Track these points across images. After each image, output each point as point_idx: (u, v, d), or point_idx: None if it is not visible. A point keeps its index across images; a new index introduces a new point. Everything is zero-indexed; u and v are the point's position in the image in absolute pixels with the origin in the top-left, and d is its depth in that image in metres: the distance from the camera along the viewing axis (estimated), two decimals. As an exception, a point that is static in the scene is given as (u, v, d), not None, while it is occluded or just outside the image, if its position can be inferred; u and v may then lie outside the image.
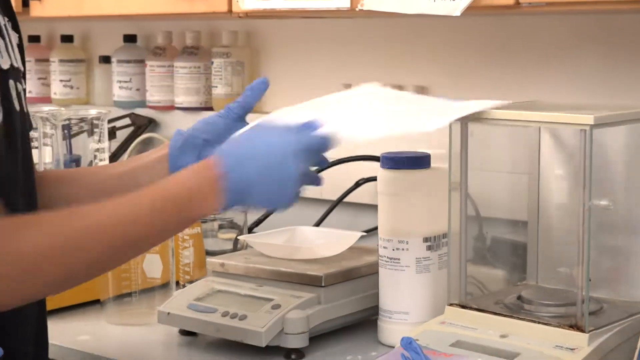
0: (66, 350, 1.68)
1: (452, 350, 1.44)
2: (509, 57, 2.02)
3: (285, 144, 1.29)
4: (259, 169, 1.26)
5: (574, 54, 1.94)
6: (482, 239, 1.73)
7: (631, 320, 1.49)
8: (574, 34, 1.94)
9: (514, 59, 2.01)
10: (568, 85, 1.95)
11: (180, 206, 1.24)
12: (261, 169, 1.26)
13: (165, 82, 2.46)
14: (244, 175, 1.26)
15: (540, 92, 1.95)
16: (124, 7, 2.06)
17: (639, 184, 1.59)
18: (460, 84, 2.08)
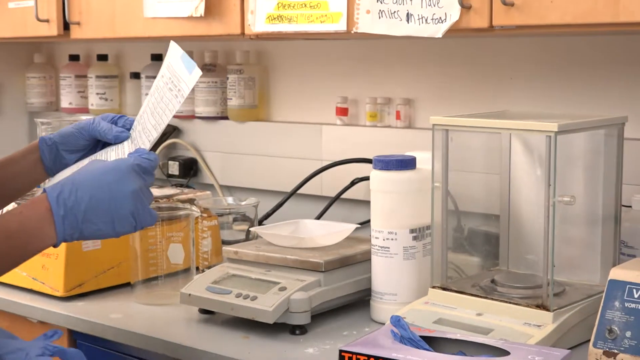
0: (101, 326, 1.68)
1: (435, 326, 1.44)
2: (483, 72, 2.02)
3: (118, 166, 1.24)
4: (92, 192, 1.20)
5: (539, 70, 1.94)
6: (460, 230, 1.72)
7: (590, 300, 1.49)
8: (539, 53, 1.94)
9: (487, 74, 2.01)
10: (534, 97, 1.95)
11: (12, 240, 1.17)
12: (95, 192, 1.20)
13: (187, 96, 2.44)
14: (78, 201, 1.19)
15: (510, 103, 1.95)
16: (151, 29, 2.06)
17: (596, 182, 1.59)
18: (442, 96, 2.08)
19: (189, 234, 1.84)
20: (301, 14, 1.79)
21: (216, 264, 1.78)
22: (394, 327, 1.34)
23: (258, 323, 1.57)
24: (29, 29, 2.32)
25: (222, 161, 2.43)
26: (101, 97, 2.66)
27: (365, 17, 1.71)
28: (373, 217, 1.63)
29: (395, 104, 2.14)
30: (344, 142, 2.17)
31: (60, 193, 1.20)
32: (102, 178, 1.22)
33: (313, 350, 1.50)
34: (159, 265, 1.81)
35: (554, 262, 1.46)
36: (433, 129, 1.56)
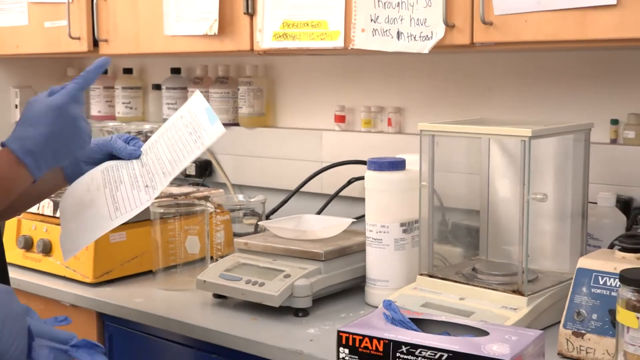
0: (126, 309, 1.68)
1: (422, 309, 1.44)
2: (465, 84, 2.02)
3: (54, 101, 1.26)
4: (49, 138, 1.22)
5: (515, 82, 1.94)
6: (445, 224, 1.72)
7: (560, 286, 1.49)
8: (515, 67, 1.94)
9: (469, 85, 2.01)
10: (511, 105, 1.94)
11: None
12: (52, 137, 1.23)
13: (202, 104, 2.46)
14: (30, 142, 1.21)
15: (489, 111, 1.95)
16: (171, 46, 2.06)
17: (565, 181, 1.59)
18: (428, 105, 2.08)
19: (204, 227, 1.84)
20: (304, 32, 1.80)
21: (228, 254, 1.78)
22: (386, 310, 1.34)
23: (265, 306, 1.57)
24: (63, 46, 2.32)
25: (234, 163, 2.43)
26: (126, 106, 2.65)
27: (361, 35, 1.71)
28: (367, 213, 1.63)
29: (387, 112, 2.14)
30: (342, 146, 2.17)
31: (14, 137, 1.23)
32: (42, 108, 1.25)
33: (314, 331, 1.49)
34: (177, 255, 1.81)
35: (528, 253, 1.46)
36: (420, 134, 1.56)
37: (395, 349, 1.24)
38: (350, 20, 1.72)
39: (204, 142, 1.40)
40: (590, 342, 1.32)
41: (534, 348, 1.25)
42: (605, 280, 1.32)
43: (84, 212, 1.41)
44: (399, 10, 1.65)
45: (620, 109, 1.79)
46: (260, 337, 1.47)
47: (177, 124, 1.49)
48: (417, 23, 1.63)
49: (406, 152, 1.69)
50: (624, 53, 1.78)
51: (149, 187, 1.39)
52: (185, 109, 1.50)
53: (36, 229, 1.92)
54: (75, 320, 1.81)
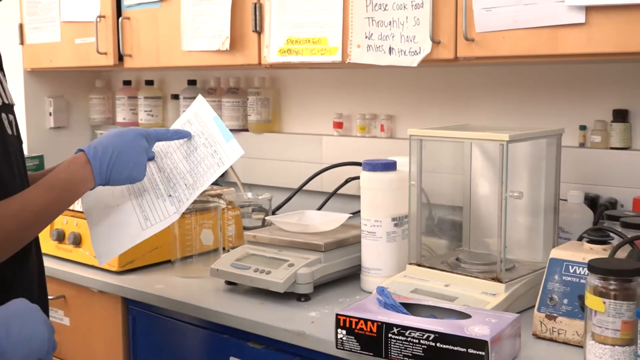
0: (147, 294, 1.68)
1: (412, 295, 1.44)
2: (450, 94, 2.01)
3: (130, 132, 1.31)
4: (116, 147, 1.27)
5: (494, 92, 1.94)
6: (431, 218, 1.72)
7: (534, 274, 1.49)
8: (494, 79, 1.93)
9: (453, 95, 2.00)
10: (490, 113, 1.94)
11: (67, 184, 1.23)
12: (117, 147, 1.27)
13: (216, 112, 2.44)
14: (104, 155, 1.26)
15: (471, 118, 1.95)
16: (187, 60, 2.06)
17: (539, 181, 1.59)
18: (417, 112, 2.07)
19: (217, 222, 1.83)
20: (306, 48, 1.79)
21: (238, 245, 1.78)
22: (379, 296, 1.34)
23: (271, 292, 1.56)
24: (91, 60, 2.32)
25: (244, 164, 2.42)
26: (148, 113, 2.65)
27: (356, 51, 1.71)
28: (362, 208, 1.62)
29: (380, 119, 2.13)
30: (339, 149, 2.17)
31: (93, 149, 1.27)
32: (121, 136, 1.30)
33: (315, 314, 1.49)
34: (193, 246, 1.81)
35: (505, 244, 1.46)
36: (410, 139, 1.55)
37: (387, 330, 1.24)
38: (347, 37, 1.72)
39: (223, 160, 1.38)
40: (562, 324, 1.31)
41: (511, 329, 1.25)
42: (575, 269, 1.32)
43: (113, 218, 1.40)
44: (390, 28, 1.65)
45: (588, 116, 1.79)
46: (267, 319, 1.47)
47: (187, 129, 1.47)
48: (407, 40, 1.62)
49: (397, 155, 1.68)
50: (591, 66, 1.78)
51: (173, 197, 1.37)
52: (192, 114, 1.48)
53: (67, 223, 1.91)
54: (102, 305, 1.82)
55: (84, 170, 1.25)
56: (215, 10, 1.96)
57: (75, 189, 1.25)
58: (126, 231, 1.38)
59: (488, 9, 1.49)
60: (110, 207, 1.40)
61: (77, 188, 1.25)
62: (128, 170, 1.29)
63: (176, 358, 1.67)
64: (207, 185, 1.38)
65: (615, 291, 1.18)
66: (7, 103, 1.28)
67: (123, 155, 1.28)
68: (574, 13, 1.39)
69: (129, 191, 1.41)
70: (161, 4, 2.12)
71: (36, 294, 1.31)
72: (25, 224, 1.17)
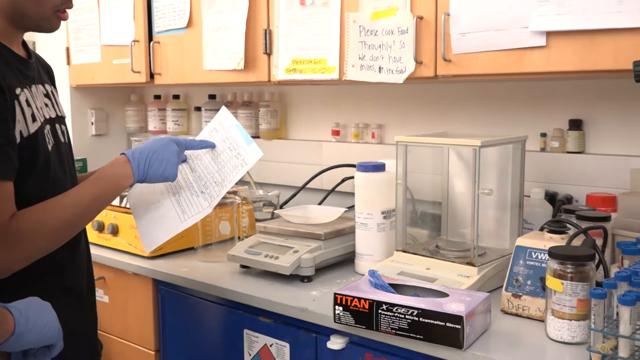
0: (174, 276, 1.67)
1: (398, 277, 1.43)
2: (431, 106, 2.01)
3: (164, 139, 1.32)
4: (151, 150, 1.28)
5: (468, 104, 1.93)
6: (415, 212, 1.72)
7: (502, 259, 1.48)
8: (469, 93, 1.93)
9: (433, 107, 2.00)
10: (465, 122, 1.93)
11: (112, 180, 1.23)
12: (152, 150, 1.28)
13: (232, 121, 2.46)
14: (142, 156, 1.27)
15: (449, 127, 1.94)
16: (208, 77, 2.05)
17: (506, 180, 1.58)
18: (403, 122, 2.07)
19: (233, 215, 1.83)
20: (308, 67, 1.79)
21: (251, 234, 1.77)
22: (371, 277, 1.34)
23: (279, 274, 1.56)
24: (127, 78, 2.32)
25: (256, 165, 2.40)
26: (175, 123, 2.64)
27: (351, 69, 1.70)
28: (356, 203, 1.62)
29: (371, 127, 2.13)
30: (337, 153, 2.16)
31: (132, 151, 1.28)
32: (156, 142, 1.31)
33: (316, 293, 1.48)
34: (213, 235, 1.80)
35: (478, 234, 1.45)
36: (397, 144, 1.55)
37: (377, 307, 1.24)
38: (343, 58, 1.71)
39: (246, 161, 1.39)
40: (526, 302, 1.31)
41: (483, 306, 1.24)
42: (537, 255, 1.31)
43: (155, 213, 1.40)
44: (380, 50, 1.65)
45: (548, 125, 1.78)
46: (275, 297, 1.46)
47: (213, 136, 1.46)
48: (394, 60, 1.62)
49: (386, 158, 1.68)
50: (551, 82, 1.77)
51: (205, 193, 1.38)
52: (217, 122, 1.48)
53: (107, 216, 1.91)
54: (136, 285, 1.82)
55: (125, 168, 1.25)
56: (231, 35, 1.96)
57: (118, 182, 1.24)
58: (167, 223, 1.38)
59: (463, 34, 1.49)
60: (153, 204, 1.41)
61: (120, 182, 1.25)
62: (162, 169, 1.29)
63: (198, 330, 1.66)
64: (234, 183, 1.38)
65: (571, 274, 1.18)
66: (60, 115, 1.28)
67: (158, 155, 1.28)
68: (537, 37, 1.39)
69: (168, 190, 1.41)
70: (186, 31, 2.11)
71: (85, 276, 1.32)
72: (78, 214, 1.17)
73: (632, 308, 1.04)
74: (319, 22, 1.76)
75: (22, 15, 1.15)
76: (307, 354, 1.42)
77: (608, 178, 1.65)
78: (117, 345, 1.89)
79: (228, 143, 1.43)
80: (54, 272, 1.20)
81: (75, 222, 1.17)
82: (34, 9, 1.15)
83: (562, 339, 1.19)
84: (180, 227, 1.37)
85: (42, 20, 1.18)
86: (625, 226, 1.46)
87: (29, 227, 1.08)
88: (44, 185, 1.16)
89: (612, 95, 1.69)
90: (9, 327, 0.94)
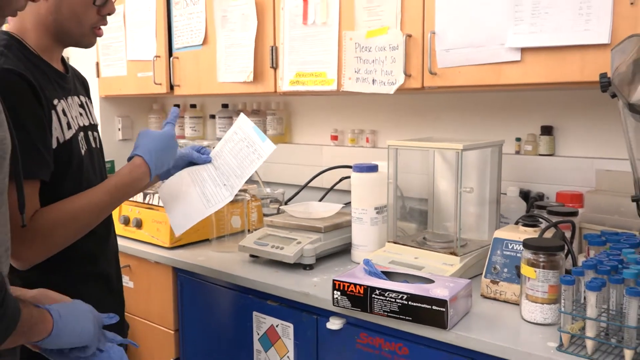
0: (192, 265, 1.66)
1: (390, 265, 1.42)
2: (418, 114, 2.00)
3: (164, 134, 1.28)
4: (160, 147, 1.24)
5: (452, 112, 1.92)
6: (404, 208, 1.71)
7: (482, 249, 1.47)
8: (453, 103, 1.92)
9: (421, 115, 1.99)
10: (450, 128, 1.93)
11: (132, 181, 1.20)
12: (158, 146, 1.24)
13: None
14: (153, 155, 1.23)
15: (435, 132, 1.94)
16: (221, 89, 2.05)
17: (485, 179, 1.57)
18: (394, 128, 2.06)
19: (243, 210, 1.82)
20: (310, 79, 1.78)
21: (259, 227, 1.76)
22: (365, 266, 1.33)
23: (284, 263, 1.55)
24: (150, 89, 2.31)
25: (264, 166, 2.41)
26: (192, 129, 2.64)
27: (348, 82, 1.69)
28: (353, 200, 1.61)
29: (365, 133, 2.12)
30: (335, 155, 2.16)
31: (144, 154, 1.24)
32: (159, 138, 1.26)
33: (317, 279, 1.47)
34: (226, 228, 1.79)
35: (460, 227, 1.44)
36: (388, 148, 1.54)
37: (371, 292, 1.23)
38: (341, 71, 1.71)
39: (261, 155, 1.39)
40: (503, 287, 1.30)
41: (465, 291, 1.23)
42: (513, 245, 1.31)
43: (183, 202, 1.40)
44: (373, 65, 1.64)
45: (522, 130, 1.77)
46: (281, 283, 1.45)
47: (233, 138, 1.47)
48: (386, 73, 1.61)
49: (378, 160, 1.67)
50: (525, 93, 1.77)
51: (227, 185, 1.38)
52: (237, 126, 1.49)
53: (131, 210, 1.90)
54: (157, 272, 1.81)
55: (145, 169, 1.23)
56: (242, 51, 1.95)
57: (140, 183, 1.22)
58: (194, 211, 1.38)
59: (447, 50, 1.48)
60: (181, 196, 1.41)
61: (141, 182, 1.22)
62: (169, 158, 1.28)
63: (212, 312, 1.65)
64: (251, 173, 1.39)
65: (543, 262, 1.17)
66: (94, 123, 1.29)
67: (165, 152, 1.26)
68: (512, 53, 1.38)
69: (194, 183, 1.42)
70: (202, 47, 2.11)
71: (113, 264, 1.32)
72: (111, 198, 1.16)
73: (597, 293, 1.04)
74: (319, 40, 1.75)
75: (65, 32, 1.17)
76: (309, 333, 1.41)
77: (575, 178, 1.64)
78: (141, 326, 1.88)
79: (246, 142, 1.44)
80: (87, 260, 1.21)
81: (91, 222, 1.15)
82: (75, 27, 1.17)
83: (535, 321, 1.18)
84: (205, 214, 1.37)
85: (82, 37, 1.20)
86: (591, 220, 1.45)
87: (47, 224, 1.08)
88: (78, 186, 1.16)
89: (579, 104, 1.68)
90: (47, 327, 0.92)
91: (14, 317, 0.84)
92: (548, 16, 1.32)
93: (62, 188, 1.13)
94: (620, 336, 1.04)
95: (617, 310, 1.05)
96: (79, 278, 1.15)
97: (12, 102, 1.01)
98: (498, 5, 1.39)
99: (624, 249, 1.17)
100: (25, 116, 1.05)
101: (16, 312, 0.84)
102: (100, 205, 1.15)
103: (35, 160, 1.07)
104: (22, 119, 1.05)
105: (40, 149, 1.07)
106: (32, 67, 1.12)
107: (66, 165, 1.14)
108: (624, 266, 1.09)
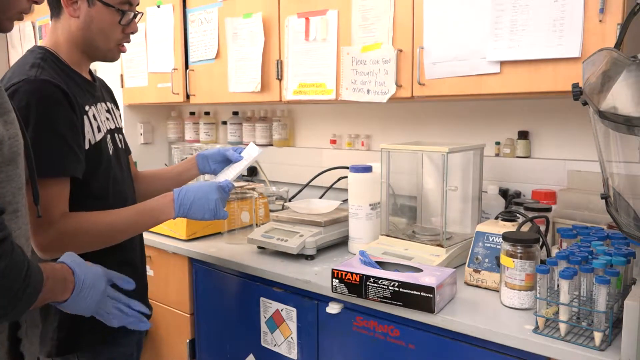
0: (206, 255, 1.65)
1: (383, 256, 1.41)
2: (408, 120, 1.99)
3: (210, 184, 1.23)
4: (195, 195, 1.19)
5: (438, 119, 1.91)
6: (396, 204, 1.70)
7: (465, 242, 1.47)
8: (439, 110, 1.91)
9: (410, 121, 1.98)
10: (437, 133, 1.91)
11: (153, 212, 1.17)
12: (196, 195, 1.20)
13: (251, 132, 2.42)
14: (186, 199, 1.19)
15: (423, 137, 1.92)
16: (232, 98, 2.04)
17: (468, 179, 1.56)
18: (386, 133, 2.05)
19: (252, 206, 1.81)
20: (311, 89, 1.78)
21: (266, 222, 1.75)
22: (361, 256, 1.32)
23: (288, 254, 1.54)
24: (168, 98, 2.30)
25: (270, 167, 2.40)
26: (206, 134, 2.63)
27: (345, 91, 1.69)
28: (350, 197, 1.60)
29: (361, 137, 2.11)
30: (334, 157, 2.15)
31: (179, 193, 1.20)
32: (201, 189, 1.21)
33: (318, 269, 1.46)
34: (236, 223, 1.78)
35: (446, 221, 1.43)
36: (381, 151, 1.53)
37: (366, 280, 1.22)
38: (339, 82, 1.70)
39: (251, 154, 1.41)
40: (484, 276, 1.29)
41: (450, 279, 1.22)
42: (493, 238, 1.30)
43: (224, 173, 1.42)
44: (368, 76, 1.63)
45: (501, 135, 1.76)
46: (285, 272, 1.44)
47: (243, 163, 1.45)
48: (379, 84, 1.60)
49: (372, 162, 1.66)
50: (504, 101, 1.76)
51: None
52: (246, 153, 1.47)
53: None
54: (174, 262, 1.80)
55: (168, 207, 1.19)
56: (251, 64, 1.94)
57: (158, 217, 1.18)
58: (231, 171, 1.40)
59: (434, 63, 1.47)
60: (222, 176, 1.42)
61: (159, 217, 1.18)
62: (201, 214, 1.22)
63: (224, 298, 1.65)
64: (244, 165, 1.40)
65: (521, 253, 1.16)
66: (119, 127, 1.31)
67: (199, 201, 1.21)
68: (493, 65, 1.37)
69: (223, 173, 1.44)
70: (215, 61, 2.10)
71: (138, 253, 1.33)
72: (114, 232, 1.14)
73: (569, 281, 1.03)
74: (319, 54, 1.74)
75: (94, 48, 1.19)
76: (310, 316, 1.40)
77: (549, 177, 1.63)
78: (160, 309, 1.87)
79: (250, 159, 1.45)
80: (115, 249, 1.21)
81: (109, 239, 1.14)
82: (103, 43, 1.19)
83: (513, 306, 1.17)
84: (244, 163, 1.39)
85: (108, 52, 1.20)
86: (563, 215, 1.44)
87: (71, 230, 1.07)
88: (106, 182, 1.18)
89: (553, 111, 1.67)
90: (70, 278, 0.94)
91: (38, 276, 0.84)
92: (525, 33, 1.31)
93: (92, 184, 1.15)
94: (590, 320, 1.03)
95: (587, 297, 1.04)
96: (108, 265, 1.15)
97: (48, 108, 1.04)
98: (480, 23, 1.38)
99: (593, 242, 1.17)
100: (61, 121, 1.07)
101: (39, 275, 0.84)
102: (124, 228, 1.14)
103: (71, 160, 1.09)
104: (58, 123, 1.06)
105: (75, 149, 1.10)
106: (66, 77, 1.14)
107: (97, 163, 1.16)
108: (594, 257, 1.08)
